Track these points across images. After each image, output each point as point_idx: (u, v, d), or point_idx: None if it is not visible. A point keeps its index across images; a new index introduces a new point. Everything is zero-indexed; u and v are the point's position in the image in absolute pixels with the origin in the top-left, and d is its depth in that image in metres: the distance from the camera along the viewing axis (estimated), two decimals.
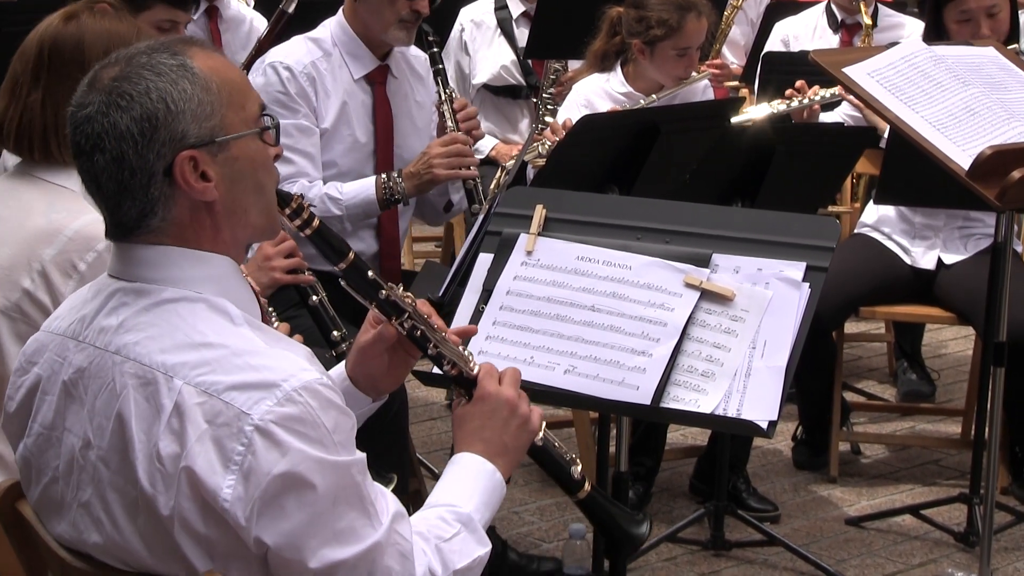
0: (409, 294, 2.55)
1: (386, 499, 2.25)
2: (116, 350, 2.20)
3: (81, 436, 2.23)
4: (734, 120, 5.03)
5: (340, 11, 4.63)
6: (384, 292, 2.50)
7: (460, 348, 2.56)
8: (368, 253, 4.58)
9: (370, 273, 2.51)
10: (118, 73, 2.19)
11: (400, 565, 2.22)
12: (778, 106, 5.18)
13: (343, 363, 2.66)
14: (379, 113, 4.60)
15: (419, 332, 2.52)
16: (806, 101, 5.15)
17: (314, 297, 3.95)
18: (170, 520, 2.13)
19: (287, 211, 2.42)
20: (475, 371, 2.54)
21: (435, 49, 4.59)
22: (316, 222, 2.46)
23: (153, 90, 2.16)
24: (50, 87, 3.03)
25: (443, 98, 4.55)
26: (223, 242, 2.25)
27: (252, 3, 6.54)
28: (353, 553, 2.16)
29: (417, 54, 4.70)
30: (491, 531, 2.58)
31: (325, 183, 4.47)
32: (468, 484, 2.45)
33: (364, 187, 4.46)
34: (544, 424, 2.59)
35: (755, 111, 5.24)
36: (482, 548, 2.38)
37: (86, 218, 2.97)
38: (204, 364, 2.14)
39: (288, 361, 2.16)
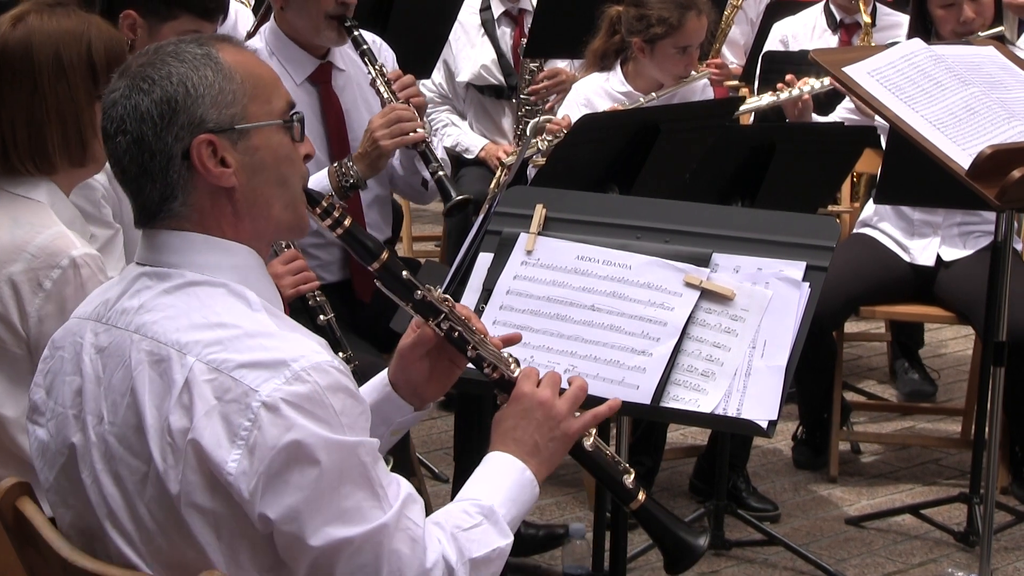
0: (448, 296, 2.53)
1: (399, 485, 2.26)
2: (135, 329, 2.24)
3: (96, 413, 2.26)
4: None
5: (271, 19, 4.56)
6: (420, 293, 2.50)
7: (502, 351, 2.54)
8: (337, 251, 4.54)
9: (405, 274, 2.50)
10: (145, 60, 2.25)
11: (410, 549, 2.23)
12: (769, 98, 5.19)
13: (385, 369, 2.65)
14: (328, 112, 4.54)
15: (456, 334, 2.51)
16: (796, 92, 5.15)
17: (322, 317, 3.95)
18: (178, 495, 2.16)
19: (317, 210, 2.42)
20: (515, 374, 2.53)
21: (356, 33, 4.51)
22: (348, 221, 2.45)
23: (174, 75, 2.22)
24: (3, 98, 2.99)
25: (375, 75, 4.49)
26: (245, 232, 2.29)
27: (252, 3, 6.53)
28: (358, 533, 2.18)
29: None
30: None
31: None
32: (495, 480, 2.45)
33: (318, 179, 4.40)
34: (595, 431, 2.55)
35: (748, 105, 5.24)
36: (503, 540, 2.38)
37: (49, 233, 2.93)
38: (217, 343, 2.18)
39: (301, 344, 2.20)
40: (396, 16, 5.74)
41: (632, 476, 2.58)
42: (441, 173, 4.39)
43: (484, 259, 3.20)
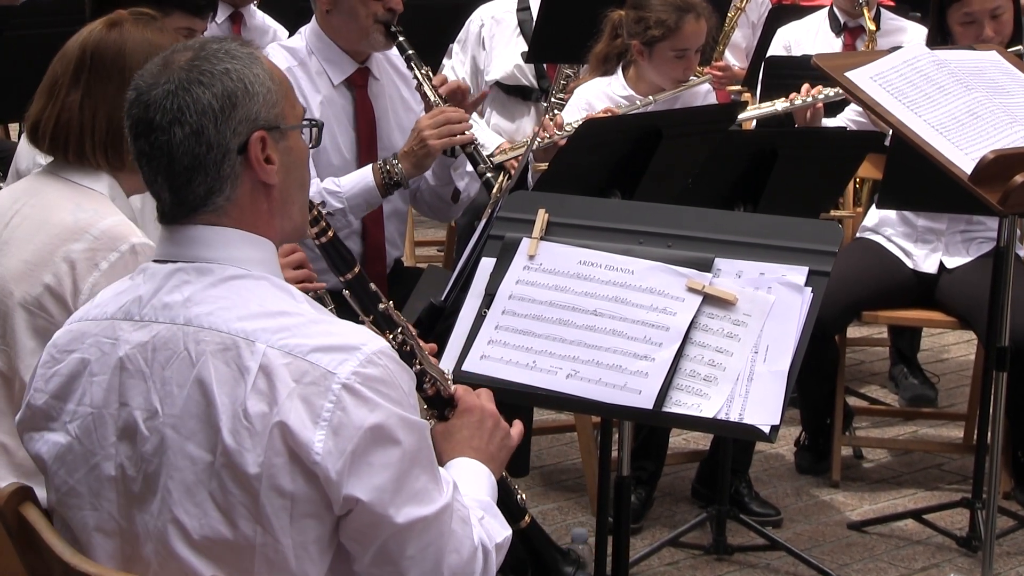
0: (399, 312, 2.66)
1: (442, 470, 2.36)
2: (186, 321, 2.26)
3: (145, 408, 2.26)
4: (738, 116, 5.04)
5: (313, 19, 4.60)
6: (383, 305, 2.62)
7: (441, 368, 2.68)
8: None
9: (372, 286, 2.62)
10: (193, 55, 2.29)
11: (462, 530, 2.33)
12: (782, 104, 5.18)
13: None
14: (360, 116, 4.57)
15: (408, 347, 2.61)
16: (809, 99, 5.14)
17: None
18: (258, 478, 2.19)
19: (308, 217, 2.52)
20: (452, 390, 2.64)
21: (401, 39, 4.53)
22: (331, 232, 2.62)
23: (232, 71, 2.27)
24: (90, 88, 3.06)
25: (420, 80, 4.50)
26: (273, 230, 2.34)
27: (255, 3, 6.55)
28: (430, 512, 2.27)
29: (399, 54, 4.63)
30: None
31: None
32: (474, 480, 2.54)
33: (362, 176, 4.44)
34: None
35: (760, 110, 5.24)
36: (506, 531, 2.49)
37: (113, 219, 3.00)
38: (284, 329, 2.22)
39: (360, 329, 2.30)
40: (399, 19, 5.74)
41: (523, 496, 2.79)
42: (489, 174, 4.41)
43: (486, 264, 3.20)
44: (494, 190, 5.32)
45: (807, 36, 6.35)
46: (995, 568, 4.42)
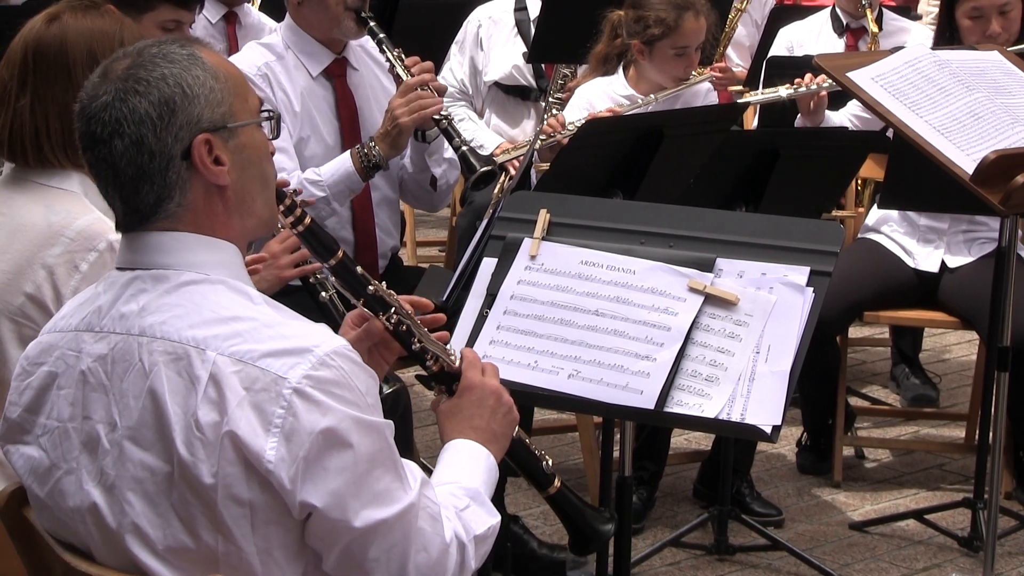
0: (392, 291, 2.61)
1: (411, 466, 2.33)
2: (140, 332, 2.24)
3: (106, 421, 2.25)
4: (740, 101, 5.03)
5: (287, 15, 4.63)
6: (372, 288, 2.58)
7: (442, 343, 2.63)
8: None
9: (359, 269, 2.58)
10: (131, 63, 2.25)
11: (431, 527, 2.30)
12: (786, 90, 5.17)
13: None
14: (342, 105, 4.58)
15: (404, 327, 2.58)
16: (814, 87, 5.13)
17: (324, 294, 3.94)
18: (214, 488, 2.17)
19: (281, 208, 2.48)
20: (457, 364, 2.61)
21: (372, 24, 4.54)
22: (308, 219, 2.56)
23: (169, 76, 2.23)
24: (38, 91, 3.04)
25: (392, 61, 4.50)
26: (232, 229, 2.31)
27: (258, 3, 6.55)
28: (392, 513, 2.24)
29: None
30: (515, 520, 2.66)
31: None
32: (468, 464, 2.53)
33: (341, 163, 4.45)
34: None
35: (763, 95, 5.24)
36: (493, 518, 2.47)
37: (87, 218, 2.97)
38: (236, 335, 2.20)
39: (315, 330, 2.25)
40: (401, 18, 5.75)
41: (551, 462, 2.74)
42: (464, 148, 4.42)
43: (488, 264, 3.20)
44: (496, 189, 5.34)
45: (809, 37, 6.35)
46: (997, 568, 4.42)
